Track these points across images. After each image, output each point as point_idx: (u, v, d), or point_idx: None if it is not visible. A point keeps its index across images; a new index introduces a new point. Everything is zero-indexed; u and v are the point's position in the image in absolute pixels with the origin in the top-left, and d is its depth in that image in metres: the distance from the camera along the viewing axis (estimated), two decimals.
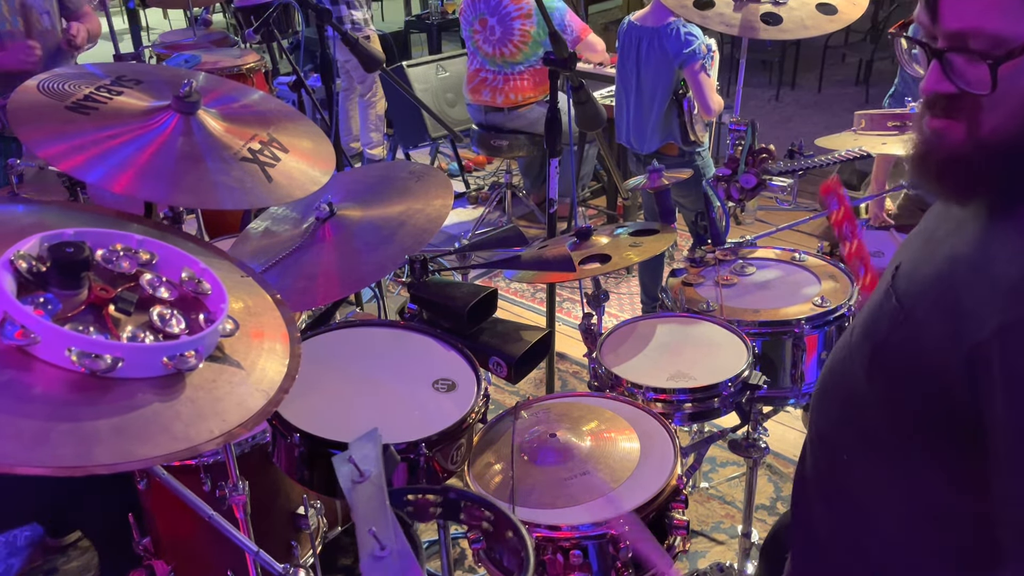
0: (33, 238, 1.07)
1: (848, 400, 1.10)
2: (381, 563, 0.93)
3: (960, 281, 0.92)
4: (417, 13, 7.58)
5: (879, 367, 1.03)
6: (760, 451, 2.10)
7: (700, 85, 3.19)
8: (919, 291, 0.98)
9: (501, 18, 4.11)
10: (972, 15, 0.86)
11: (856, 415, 1.09)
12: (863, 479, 1.10)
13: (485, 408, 1.60)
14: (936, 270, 0.97)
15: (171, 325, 1.09)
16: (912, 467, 1.02)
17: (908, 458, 1.02)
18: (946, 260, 0.96)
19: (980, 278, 0.89)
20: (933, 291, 0.95)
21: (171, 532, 2.00)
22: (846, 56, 7.93)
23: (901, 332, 0.98)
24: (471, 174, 5.62)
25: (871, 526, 1.10)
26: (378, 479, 1.04)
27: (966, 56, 0.87)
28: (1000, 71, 0.85)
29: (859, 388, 1.06)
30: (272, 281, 1.60)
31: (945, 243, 0.98)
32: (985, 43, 0.85)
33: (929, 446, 0.98)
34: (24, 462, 0.86)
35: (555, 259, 1.95)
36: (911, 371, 0.97)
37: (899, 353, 0.99)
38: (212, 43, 4.32)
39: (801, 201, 4.85)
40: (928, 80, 0.92)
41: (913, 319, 0.97)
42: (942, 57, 0.89)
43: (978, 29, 0.86)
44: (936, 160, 0.94)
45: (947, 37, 0.89)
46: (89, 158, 1.49)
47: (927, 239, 1.04)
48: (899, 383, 0.99)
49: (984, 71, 0.85)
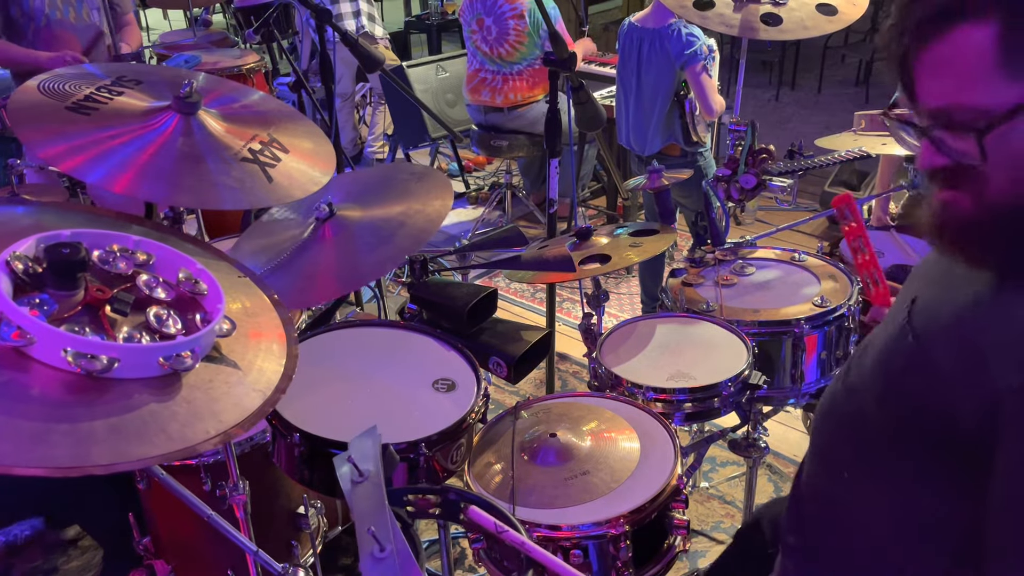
0: (30, 239, 1.07)
1: (854, 423, 1.11)
2: (381, 563, 0.93)
3: (983, 326, 0.92)
4: (417, 13, 7.58)
5: (892, 398, 1.04)
6: (760, 451, 2.10)
7: (702, 86, 3.19)
8: (938, 330, 0.98)
9: (496, 18, 4.11)
10: (949, 92, 0.88)
11: (859, 437, 1.10)
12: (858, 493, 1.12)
13: (485, 408, 1.60)
14: (956, 312, 0.97)
15: (167, 326, 1.08)
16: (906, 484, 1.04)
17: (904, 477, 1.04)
18: (969, 304, 0.96)
19: (1005, 329, 0.90)
20: (954, 332, 0.96)
21: (171, 532, 2.00)
22: (846, 56, 7.92)
23: (917, 368, 0.99)
24: (471, 174, 5.62)
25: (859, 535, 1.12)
26: (377, 479, 1.04)
27: (951, 131, 0.89)
28: (987, 141, 0.86)
29: (867, 413, 1.08)
30: (272, 281, 1.60)
31: (966, 285, 0.98)
32: (967, 116, 0.87)
33: (926, 468, 1.01)
34: (21, 463, 0.86)
35: (555, 259, 1.95)
36: (923, 406, 0.98)
37: (914, 389, 1.00)
38: (212, 43, 4.33)
39: (801, 201, 4.87)
40: (922, 157, 0.94)
41: (930, 358, 0.97)
42: (929, 134, 0.91)
43: (957, 104, 0.87)
44: (951, 231, 0.96)
45: (930, 115, 0.91)
46: (89, 158, 1.49)
47: (944, 273, 1.04)
48: (909, 414, 1.01)
49: (971, 143, 0.87)
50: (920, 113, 0.92)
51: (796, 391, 2.05)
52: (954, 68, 0.86)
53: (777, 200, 2.26)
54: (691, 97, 3.27)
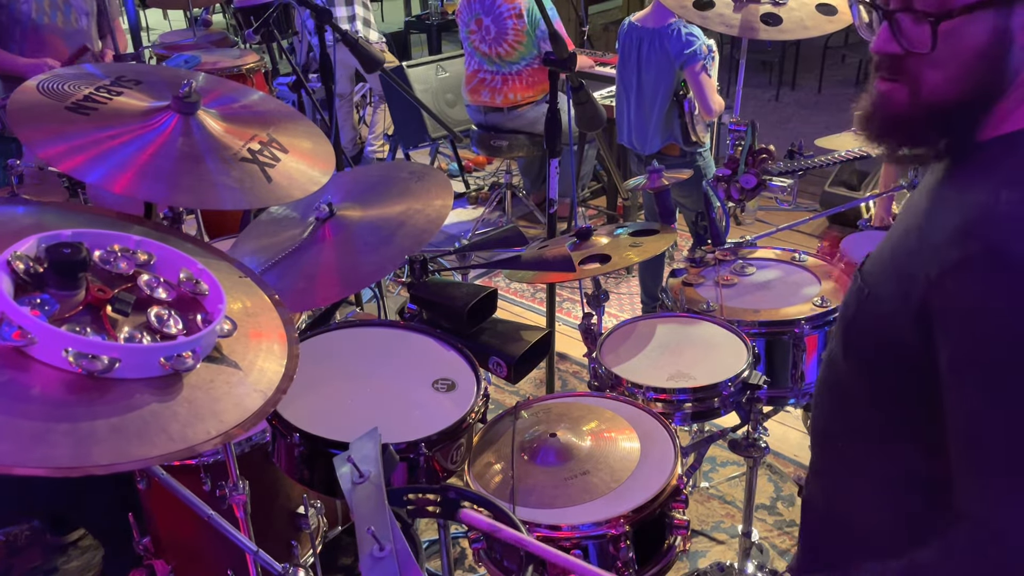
0: (31, 239, 1.07)
1: (834, 386, 1.16)
2: (381, 563, 0.93)
3: (908, 250, 1.00)
4: (417, 13, 7.58)
5: (850, 345, 1.10)
6: (760, 451, 2.09)
7: (701, 86, 3.19)
8: (879, 268, 1.06)
9: (495, 17, 4.11)
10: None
11: (841, 399, 1.15)
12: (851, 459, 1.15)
13: (485, 408, 1.60)
14: (891, 246, 1.06)
15: (168, 326, 1.08)
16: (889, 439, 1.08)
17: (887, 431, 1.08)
18: (900, 235, 1.04)
19: (924, 242, 0.97)
20: (888, 265, 1.04)
21: (171, 532, 2.00)
22: (846, 56, 7.92)
23: (864, 310, 1.07)
24: (471, 174, 5.62)
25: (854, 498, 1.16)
26: (377, 479, 1.04)
27: (912, 16, 0.95)
28: (940, 30, 0.93)
29: (839, 371, 1.13)
30: (272, 281, 1.60)
31: (901, 223, 1.07)
32: (928, 3, 0.94)
33: (904, 417, 1.05)
34: (22, 462, 0.86)
35: (555, 259, 1.95)
36: (876, 345, 1.04)
37: (864, 329, 1.07)
38: (212, 43, 4.32)
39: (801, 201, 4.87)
40: (877, 41, 1.00)
41: (874, 295, 1.05)
42: (891, 17, 0.97)
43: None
44: (879, 119, 1.03)
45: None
46: (89, 158, 1.49)
47: (893, 226, 1.12)
48: (868, 357, 1.07)
49: (926, 31, 0.94)
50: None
51: (796, 391, 2.06)
52: None
53: (777, 200, 2.26)
54: (690, 97, 3.27)
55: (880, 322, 1.03)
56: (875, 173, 4.53)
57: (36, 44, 3.06)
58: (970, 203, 0.93)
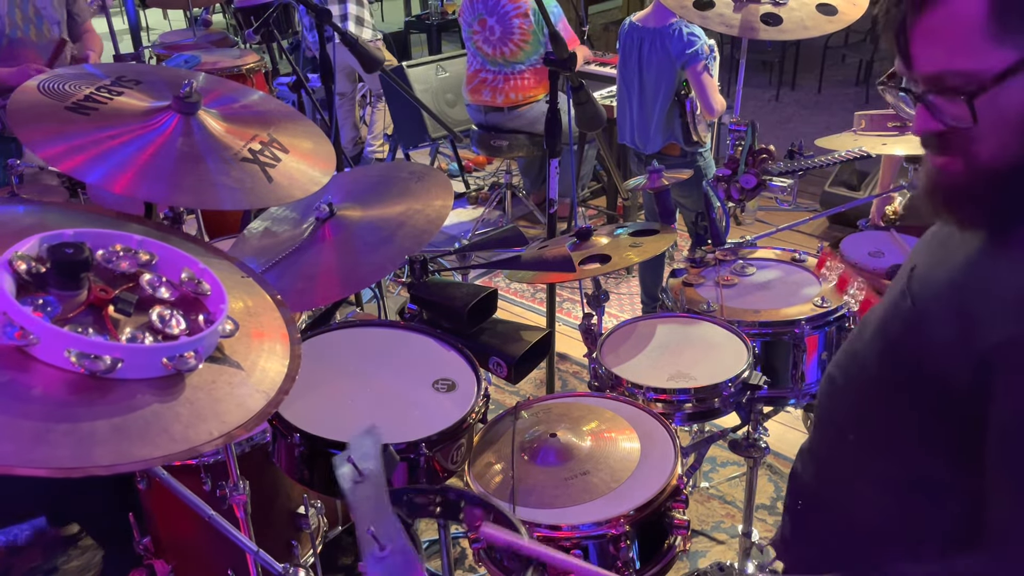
0: (32, 239, 1.07)
1: (858, 389, 1.16)
2: (381, 563, 0.93)
3: (972, 288, 0.97)
4: (417, 13, 7.58)
5: (891, 363, 1.09)
6: (760, 451, 2.10)
7: (703, 85, 3.19)
8: (932, 294, 1.03)
9: (500, 17, 4.10)
10: (941, 59, 0.92)
11: (863, 402, 1.14)
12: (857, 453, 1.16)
13: (485, 408, 1.60)
14: (949, 276, 1.02)
15: (171, 326, 1.08)
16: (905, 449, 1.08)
17: (905, 442, 1.08)
18: (960, 268, 1.01)
19: (991, 289, 0.94)
20: (946, 296, 1.01)
21: (171, 532, 2.00)
22: (846, 56, 7.92)
23: (913, 331, 1.04)
24: (471, 174, 5.62)
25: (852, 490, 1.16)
26: (378, 479, 1.04)
27: (944, 96, 0.93)
28: (977, 104, 0.90)
29: (869, 379, 1.12)
30: (272, 281, 1.60)
31: (960, 250, 1.03)
32: (958, 81, 0.91)
33: (924, 433, 1.05)
34: (23, 463, 0.86)
35: (555, 259, 1.95)
36: (920, 368, 1.02)
37: (911, 351, 1.05)
38: (212, 43, 4.33)
39: (801, 201, 4.88)
40: (917, 123, 0.98)
41: (926, 320, 1.02)
42: (924, 99, 0.96)
43: (949, 70, 0.91)
44: (942, 194, 1.00)
45: (924, 81, 0.95)
46: (89, 158, 1.49)
47: (942, 243, 1.09)
48: (907, 378, 1.05)
49: (963, 107, 0.91)
50: (915, 80, 0.96)
51: (797, 391, 2.05)
52: (946, 35, 0.90)
53: (777, 200, 2.26)
54: (691, 97, 3.28)
55: (929, 352, 1.00)
56: (875, 173, 4.53)
57: (11, 58, 3.03)
58: None
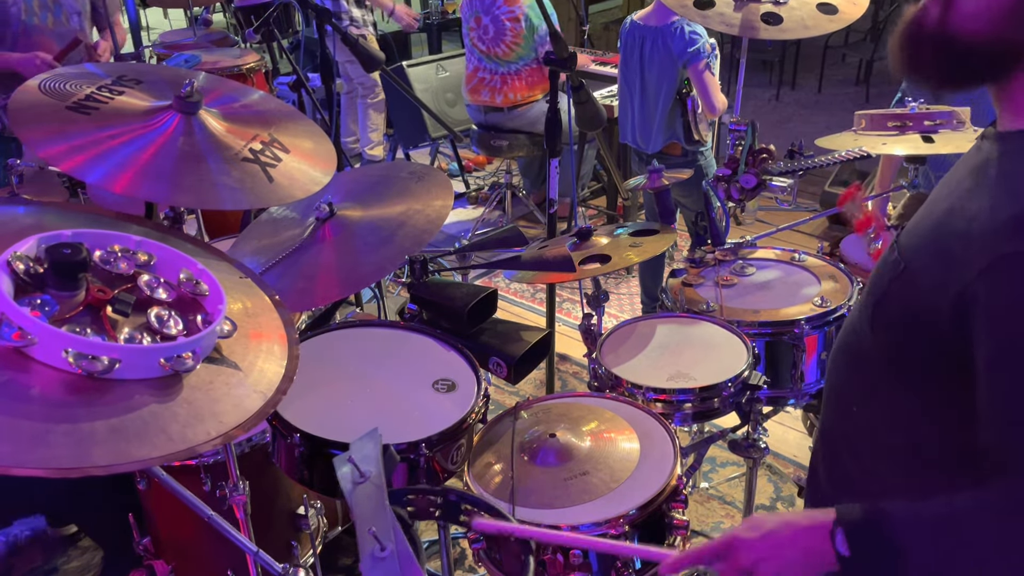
0: (31, 239, 1.07)
1: (856, 353, 1.16)
2: (381, 563, 0.93)
3: (953, 231, 0.98)
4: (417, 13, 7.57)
5: (880, 317, 1.09)
6: (760, 451, 2.10)
7: (704, 84, 3.18)
8: (917, 244, 1.05)
9: (494, 17, 4.11)
10: None
11: (861, 366, 1.15)
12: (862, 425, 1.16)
13: (485, 408, 1.60)
14: (933, 222, 1.03)
15: (168, 326, 1.08)
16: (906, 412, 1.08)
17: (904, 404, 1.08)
18: (943, 213, 1.02)
19: (972, 225, 0.94)
20: (929, 242, 1.02)
21: (171, 532, 2.00)
22: (846, 56, 7.92)
23: (899, 283, 1.05)
24: (471, 174, 5.61)
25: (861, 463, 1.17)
26: (378, 479, 1.04)
27: None
28: None
29: (864, 340, 1.13)
30: (272, 281, 1.60)
31: (944, 200, 1.04)
32: None
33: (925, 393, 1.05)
34: (21, 463, 0.86)
35: (555, 259, 1.95)
36: (908, 319, 1.03)
37: (897, 303, 1.06)
38: (212, 43, 4.32)
39: (801, 201, 4.87)
40: None
41: (910, 270, 1.03)
42: None
43: None
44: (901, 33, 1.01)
45: None
46: (90, 158, 1.49)
47: (932, 199, 1.10)
48: (898, 332, 1.06)
49: None
50: None
51: (796, 391, 2.05)
52: None
53: (777, 200, 2.26)
54: (693, 95, 3.27)
55: (914, 299, 1.01)
56: (875, 173, 4.53)
57: (27, 45, 3.03)
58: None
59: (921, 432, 1.07)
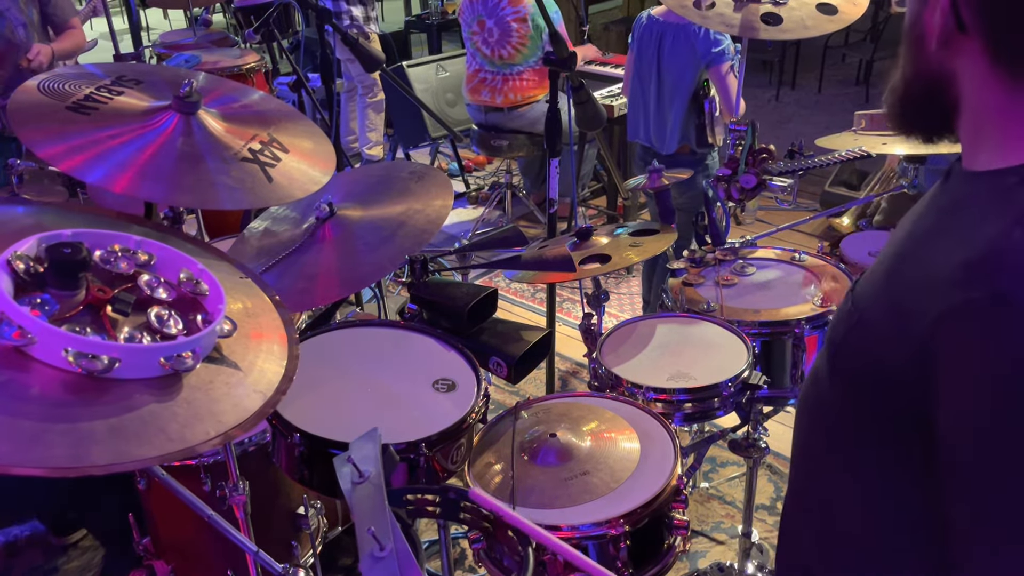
0: (31, 239, 1.07)
1: (817, 405, 1.10)
2: (381, 563, 0.93)
3: (907, 280, 0.92)
4: (417, 13, 7.57)
5: (838, 369, 1.03)
6: (760, 451, 2.10)
7: (727, 87, 3.12)
8: (870, 292, 0.99)
9: (498, 20, 4.10)
10: None
11: (823, 419, 1.09)
12: (828, 478, 1.10)
13: (485, 408, 1.60)
14: (885, 271, 0.97)
15: (168, 326, 1.08)
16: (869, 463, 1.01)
17: (868, 464, 1.01)
18: (893, 257, 0.97)
19: (923, 272, 0.88)
20: (882, 290, 0.96)
21: (171, 532, 2.00)
22: (846, 56, 7.92)
23: (855, 334, 0.99)
24: (471, 174, 5.61)
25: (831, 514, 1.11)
26: (377, 479, 1.04)
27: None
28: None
29: (823, 391, 1.07)
30: (272, 281, 1.60)
31: (897, 247, 0.98)
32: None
33: (889, 444, 0.98)
34: (20, 462, 0.86)
35: (555, 259, 1.95)
36: (865, 372, 0.97)
37: (853, 355, 0.99)
38: (212, 43, 4.33)
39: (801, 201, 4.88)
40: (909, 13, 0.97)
41: (864, 321, 0.97)
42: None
43: None
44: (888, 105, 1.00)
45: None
46: (89, 158, 1.49)
47: (889, 242, 1.04)
48: (855, 384, 1.00)
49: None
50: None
51: (796, 391, 2.05)
52: None
53: (777, 200, 2.26)
54: (711, 98, 3.22)
55: (870, 349, 0.95)
56: (875, 173, 4.53)
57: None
58: (979, 238, 0.83)
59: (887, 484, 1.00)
